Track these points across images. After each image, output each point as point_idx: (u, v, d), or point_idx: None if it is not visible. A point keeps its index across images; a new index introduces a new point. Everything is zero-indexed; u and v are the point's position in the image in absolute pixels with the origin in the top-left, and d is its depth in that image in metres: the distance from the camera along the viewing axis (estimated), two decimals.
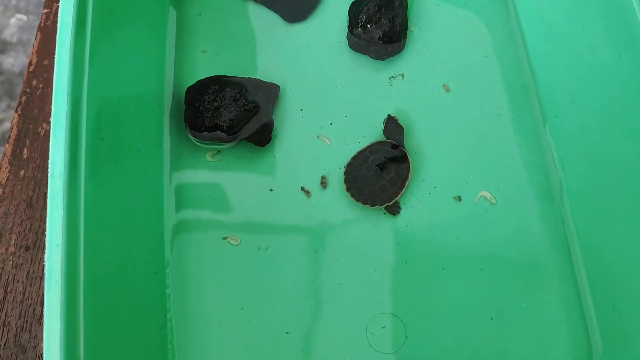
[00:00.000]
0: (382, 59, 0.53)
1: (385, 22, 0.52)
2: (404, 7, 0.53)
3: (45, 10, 0.56)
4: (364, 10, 0.52)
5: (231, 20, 0.55)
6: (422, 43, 0.54)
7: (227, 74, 0.52)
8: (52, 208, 0.34)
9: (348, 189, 0.48)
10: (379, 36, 0.52)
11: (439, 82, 0.53)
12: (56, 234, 0.34)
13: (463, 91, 0.52)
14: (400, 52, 0.53)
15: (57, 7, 0.54)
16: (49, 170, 0.35)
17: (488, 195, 0.48)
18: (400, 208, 0.48)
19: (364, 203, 0.47)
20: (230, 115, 0.48)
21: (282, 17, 0.55)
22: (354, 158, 0.49)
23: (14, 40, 1.28)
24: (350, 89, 0.52)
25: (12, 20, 1.30)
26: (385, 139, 0.50)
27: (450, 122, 0.51)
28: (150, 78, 0.49)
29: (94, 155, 0.38)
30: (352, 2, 0.54)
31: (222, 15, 0.55)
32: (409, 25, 0.54)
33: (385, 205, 0.47)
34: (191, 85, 0.51)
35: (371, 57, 0.53)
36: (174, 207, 0.48)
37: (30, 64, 0.54)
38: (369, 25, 0.52)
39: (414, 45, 0.54)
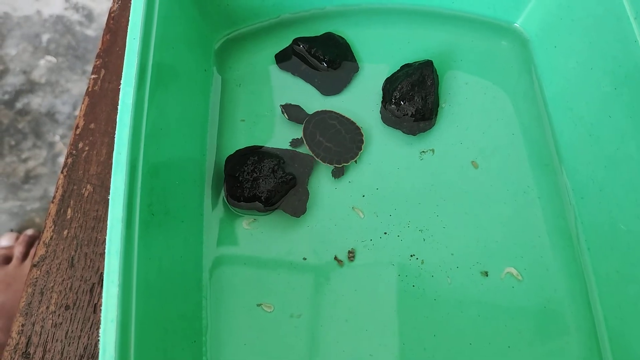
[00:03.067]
0: (414, 134, 0.55)
1: (418, 100, 0.54)
2: (435, 85, 0.55)
3: (93, 76, 0.59)
4: (398, 88, 0.55)
5: (269, 92, 0.57)
6: (452, 120, 0.57)
7: (264, 144, 0.55)
8: (108, 284, 0.36)
9: (322, 159, 0.53)
10: (412, 113, 0.54)
11: (467, 159, 0.55)
12: (112, 310, 0.35)
13: (491, 168, 0.54)
14: (431, 128, 0.56)
15: (106, 73, 0.57)
16: (106, 247, 0.37)
17: (514, 271, 0.50)
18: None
19: (337, 163, 0.53)
20: (268, 186, 0.50)
21: (318, 91, 0.58)
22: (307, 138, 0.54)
23: (43, 81, 1.33)
24: (382, 162, 0.55)
25: (42, 62, 1.34)
26: (325, 110, 0.56)
27: (478, 197, 0.53)
28: (195, 148, 0.52)
29: (146, 231, 0.40)
30: (386, 79, 0.57)
31: (260, 86, 0.58)
32: (440, 101, 0.57)
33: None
34: (231, 155, 0.53)
35: (403, 132, 0.55)
36: (210, 274, 0.50)
37: (77, 127, 0.57)
38: (402, 102, 0.54)
39: (444, 122, 0.57)
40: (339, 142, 0.54)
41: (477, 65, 0.59)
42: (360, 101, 0.58)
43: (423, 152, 0.55)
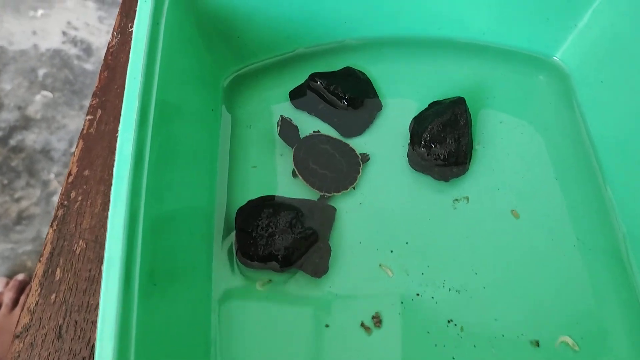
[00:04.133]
0: (446, 180, 0.49)
1: (450, 142, 0.49)
2: (469, 125, 0.50)
3: (88, 117, 0.53)
4: (428, 129, 0.49)
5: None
6: (487, 163, 0.51)
7: (279, 193, 0.49)
8: None
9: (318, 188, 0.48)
10: (444, 157, 0.49)
11: (506, 207, 0.49)
12: None
13: (533, 218, 0.48)
14: (464, 173, 0.50)
15: (102, 114, 0.52)
16: (98, 332, 0.30)
17: (570, 340, 0.43)
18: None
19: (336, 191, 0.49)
20: (285, 243, 0.44)
21: (338, 132, 0.52)
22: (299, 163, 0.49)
23: (38, 116, 1.28)
24: (411, 212, 0.49)
25: (38, 97, 1.29)
26: (314, 133, 0.51)
27: (522, 252, 0.47)
28: (202, 199, 0.46)
29: (146, 306, 0.34)
30: (414, 118, 0.51)
31: (274, 127, 0.52)
32: (473, 143, 0.51)
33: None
34: (242, 207, 0.47)
35: (434, 178, 0.50)
36: (220, 345, 0.43)
37: (69, 174, 0.51)
38: (433, 145, 0.49)
39: (479, 165, 0.51)
40: (334, 168, 0.49)
41: (512, 102, 0.54)
42: (385, 143, 0.52)
43: (456, 200, 0.49)
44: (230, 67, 0.53)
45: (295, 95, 0.53)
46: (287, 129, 0.51)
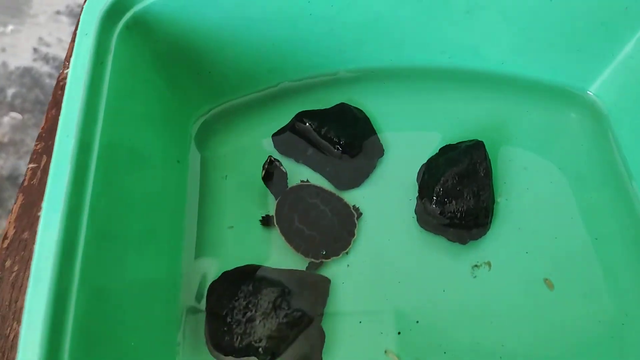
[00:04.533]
0: (463, 242, 0.41)
1: (468, 197, 0.40)
2: (490, 175, 0.41)
3: (31, 165, 0.44)
4: (441, 181, 0.40)
5: (264, 186, 0.43)
6: (511, 219, 0.42)
7: (261, 262, 0.40)
8: None
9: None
10: (461, 215, 0.40)
11: (538, 275, 0.40)
12: None
13: (572, 288, 0.40)
14: (485, 233, 0.41)
15: (48, 162, 0.43)
16: None
17: None
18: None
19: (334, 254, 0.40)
20: (268, 331, 0.36)
21: (331, 183, 0.43)
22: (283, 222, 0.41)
23: (6, 140, 1.18)
24: (422, 283, 0.40)
25: (5, 119, 1.20)
26: (302, 184, 0.43)
27: (561, 333, 0.38)
28: (163, 273, 0.37)
29: None
30: (423, 166, 0.43)
31: (254, 178, 0.43)
32: (494, 195, 0.43)
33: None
34: (215, 282, 0.38)
35: (448, 240, 0.41)
36: None
37: (5, 236, 0.42)
38: (447, 201, 0.40)
39: (502, 223, 0.42)
40: (324, 229, 0.41)
41: (538, 145, 0.46)
42: (388, 197, 0.43)
43: (476, 266, 0.41)
44: (199, 107, 0.44)
45: (280, 139, 0.45)
46: (273, 174, 0.42)
